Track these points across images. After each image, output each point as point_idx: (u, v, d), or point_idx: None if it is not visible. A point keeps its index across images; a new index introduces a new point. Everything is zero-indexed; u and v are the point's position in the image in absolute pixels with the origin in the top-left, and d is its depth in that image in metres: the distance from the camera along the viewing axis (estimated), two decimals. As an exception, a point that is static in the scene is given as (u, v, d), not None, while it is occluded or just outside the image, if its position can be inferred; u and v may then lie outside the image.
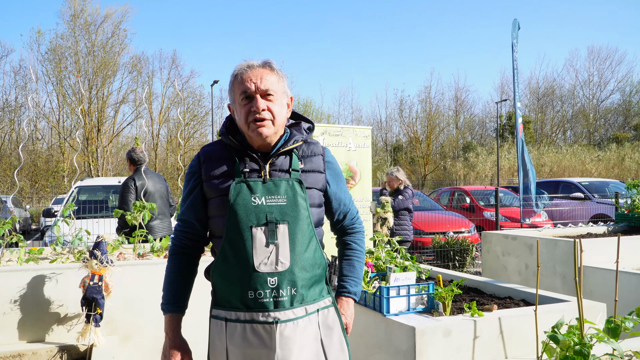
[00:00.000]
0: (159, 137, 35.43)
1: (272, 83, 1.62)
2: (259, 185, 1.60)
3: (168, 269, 1.72)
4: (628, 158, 29.52)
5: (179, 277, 1.71)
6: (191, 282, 1.75)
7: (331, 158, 1.79)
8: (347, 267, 1.81)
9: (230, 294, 1.60)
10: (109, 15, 32.70)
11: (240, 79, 1.62)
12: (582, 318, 2.00)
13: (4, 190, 25.23)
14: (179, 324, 1.69)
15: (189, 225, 1.72)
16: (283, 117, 1.66)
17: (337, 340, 1.67)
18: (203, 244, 1.78)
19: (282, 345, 1.54)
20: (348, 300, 1.79)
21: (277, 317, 1.55)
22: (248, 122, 1.60)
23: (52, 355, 2.85)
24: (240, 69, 1.63)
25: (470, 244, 8.18)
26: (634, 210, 5.67)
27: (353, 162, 5.00)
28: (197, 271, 1.77)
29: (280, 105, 1.64)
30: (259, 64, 1.64)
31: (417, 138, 38.96)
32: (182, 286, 1.71)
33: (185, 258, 1.73)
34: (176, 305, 1.69)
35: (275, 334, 1.54)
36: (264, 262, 1.56)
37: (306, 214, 1.62)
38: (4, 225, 3.31)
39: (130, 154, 5.02)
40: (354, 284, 1.79)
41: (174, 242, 1.74)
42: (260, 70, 1.62)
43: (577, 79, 41.21)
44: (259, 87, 1.59)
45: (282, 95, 1.65)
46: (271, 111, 1.60)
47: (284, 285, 1.56)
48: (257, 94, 1.60)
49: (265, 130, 1.60)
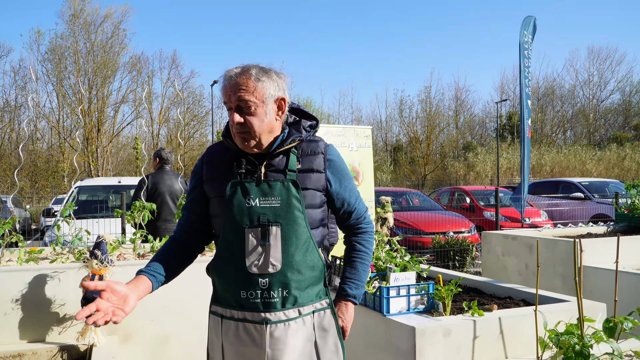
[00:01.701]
0: (159, 137, 35.45)
1: (248, 93, 1.56)
2: (253, 186, 1.60)
3: (159, 249, 1.73)
4: (628, 158, 29.53)
5: (166, 255, 1.69)
6: (176, 267, 1.70)
7: (334, 156, 1.73)
8: (348, 269, 1.79)
9: (226, 291, 1.63)
10: (108, 15, 32.77)
11: (222, 90, 1.61)
12: (582, 318, 2.00)
13: (4, 190, 25.23)
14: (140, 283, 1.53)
15: (186, 218, 1.76)
16: (266, 125, 1.60)
17: (332, 343, 1.67)
18: (201, 240, 1.78)
19: (272, 345, 1.56)
20: (347, 303, 1.76)
21: (267, 318, 1.57)
22: (233, 131, 1.62)
23: (52, 355, 2.85)
24: (223, 80, 1.62)
25: (470, 244, 8.18)
26: (634, 210, 5.67)
27: (355, 162, 5.00)
28: (189, 263, 1.76)
29: (261, 114, 1.58)
30: (236, 73, 1.58)
31: (417, 138, 38.95)
32: (165, 262, 1.66)
33: (177, 243, 1.74)
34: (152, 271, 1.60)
35: (265, 335, 1.56)
36: (255, 264, 1.57)
37: (301, 216, 1.60)
38: (4, 225, 3.31)
39: (160, 152, 5.11)
40: (354, 287, 1.76)
41: (174, 232, 1.79)
42: (236, 80, 1.57)
43: (577, 79, 41.31)
44: (233, 100, 1.57)
45: (262, 103, 1.58)
46: (248, 122, 1.57)
47: (275, 287, 1.57)
48: (233, 108, 1.58)
49: (247, 143, 1.60)
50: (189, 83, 36.26)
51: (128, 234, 4.98)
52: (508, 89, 41.33)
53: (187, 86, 35.72)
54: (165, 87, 35.83)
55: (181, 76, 36.21)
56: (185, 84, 35.72)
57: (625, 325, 2.05)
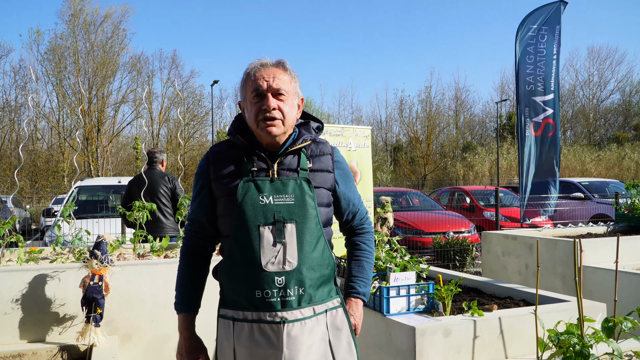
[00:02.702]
0: (159, 137, 35.44)
1: (284, 83, 1.62)
2: (266, 184, 1.60)
3: (180, 269, 1.72)
4: (628, 158, 29.52)
5: (191, 276, 1.71)
6: (203, 282, 1.74)
7: (340, 158, 1.78)
8: (356, 267, 1.79)
9: (238, 293, 1.59)
10: (108, 15, 32.76)
11: (253, 77, 1.62)
12: (582, 318, 2.00)
13: (4, 190, 25.23)
14: (193, 323, 1.70)
15: (198, 225, 1.72)
16: (293, 117, 1.66)
17: (345, 342, 1.66)
18: (213, 244, 1.77)
19: (290, 345, 1.53)
20: (357, 301, 1.77)
21: (284, 317, 1.54)
22: (258, 120, 1.60)
23: (52, 355, 2.85)
24: (253, 67, 1.64)
25: (470, 244, 8.18)
26: (634, 210, 5.67)
27: (354, 162, 5.02)
28: (209, 270, 1.76)
29: (291, 105, 1.64)
30: (272, 63, 1.65)
31: (417, 138, 38.95)
32: (194, 285, 1.70)
33: (197, 257, 1.73)
34: (189, 305, 1.69)
35: (282, 334, 1.53)
36: (272, 262, 1.55)
37: (314, 213, 1.61)
38: (4, 225, 3.31)
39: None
40: (362, 285, 1.78)
41: (185, 242, 1.74)
42: (273, 69, 1.62)
43: (577, 79, 41.27)
44: (270, 85, 1.60)
45: (293, 95, 1.65)
46: (281, 110, 1.60)
47: (291, 285, 1.55)
48: (269, 93, 1.60)
49: (275, 130, 1.60)
50: (189, 83, 36.29)
51: (128, 234, 4.98)
52: (508, 89, 41.30)
53: (187, 86, 35.75)
54: (165, 87, 35.86)
55: (181, 76, 36.25)
56: (185, 84, 35.75)
57: (624, 325, 2.05)
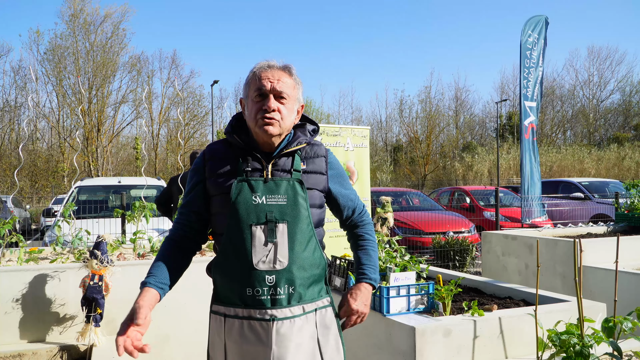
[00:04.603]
0: (159, 137, 35.46)
1: (288, 87, 1.66)
2: (260, 184, 1.63)
3: (159, 252, 1.70)
4: (628, 158, 29.53)
5: (168, 260, 1.66)
6: (178, 270, 1.69)
7: (333, 159, 1.82)
8: (363, 255, 1.83)
9: (230, 290, 1.62)
10: (108, 15, 32.78)
11: (258, 77, 1.65)
12: (582, 318, 2.00)
13: (4, 190, 25.22)
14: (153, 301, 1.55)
15: (185, 217, 1.73)
16: (290, 121, 1.69)
17: (334, 340, 1.69)
18: (199, 239, 1.76)
19: (278, 342, 1.56)
20: (368, 286, 1.79)
21: (273, 315, 1.57)
22: (256, 118, 1.63)
23: (52, 355, 2.85)
24: (260, 67, 1.67)
25: (470, 244, 8.18)
26: (634, 210, 5.67)
27: (350, 162, 5.04)
28: (188, 265, 1.74)
29: (291, 109, 1.67)
30: (279, 66, 1.68)
31: (417, 138, 38.96)
32: (168, 268, 1.64)
33: (177, 245, 1.71)
34: (158, 282, 1.59)
35: (271, 331, 1.56)
36: (263, 260, 1.58)
37: (306, 214, 1.64)
38: (4, 226, 3.31)
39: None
40: (372, 271, 1.81)
41: (171, 231, 1.76)
42: (279, 71, 1.66)
43: (577, 79, 41.27)
44: (274, 87, 1.63)
45: (294, 100, 1.69)
46: (281, 112, 1.64)
47: (281, 284, 1.58)
48: (271, 94, 1.63)
49: (272, 129, 1.63)
50: (189, 83, 36.33)
51: (128, 234, 4.99)
52: (508, 89, 41.34)
53: (187, 86, 35.78)
54: (165, 87, 35.91)
55: (181, 76, 36.29)
56: (185, 84, 35.78)
57: (624, 325, 2.05)
